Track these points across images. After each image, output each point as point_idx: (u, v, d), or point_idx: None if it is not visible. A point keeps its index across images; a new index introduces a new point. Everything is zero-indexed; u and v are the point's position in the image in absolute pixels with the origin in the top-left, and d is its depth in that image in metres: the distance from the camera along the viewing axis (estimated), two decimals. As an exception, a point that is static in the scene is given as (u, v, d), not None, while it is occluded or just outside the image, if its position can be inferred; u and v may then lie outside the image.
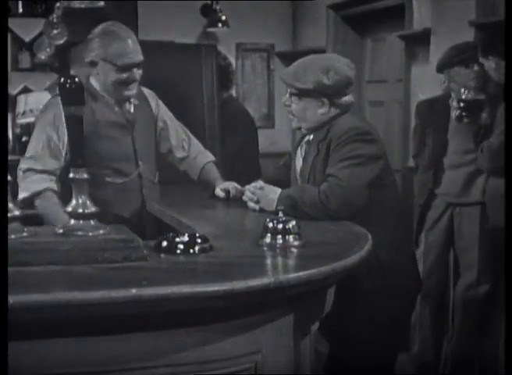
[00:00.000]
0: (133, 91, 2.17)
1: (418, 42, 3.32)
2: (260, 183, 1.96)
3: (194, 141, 2.40)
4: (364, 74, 4.10)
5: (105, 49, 2.11)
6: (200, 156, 2.37)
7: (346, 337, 1.88)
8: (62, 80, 1.37)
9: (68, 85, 1.36)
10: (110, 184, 2.14)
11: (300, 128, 2.03)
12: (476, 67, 2.56)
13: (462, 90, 2.50)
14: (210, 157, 2.40)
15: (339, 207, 1.79)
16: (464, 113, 2.46)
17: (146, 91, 2.33)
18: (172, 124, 2.36)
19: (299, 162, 2.06)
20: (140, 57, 2.14)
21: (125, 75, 2.12)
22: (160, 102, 2.36)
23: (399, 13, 3.48)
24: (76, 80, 1.37)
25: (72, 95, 1.37)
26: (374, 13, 3.81)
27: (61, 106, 1.40)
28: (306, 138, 2.04)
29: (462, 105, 2.45)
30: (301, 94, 1.93)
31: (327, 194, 1.80)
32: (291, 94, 1.95)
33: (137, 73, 2.15)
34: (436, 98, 2.80)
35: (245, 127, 3.36)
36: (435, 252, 2.76)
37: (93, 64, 2.15)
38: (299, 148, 2.08)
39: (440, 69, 2.67)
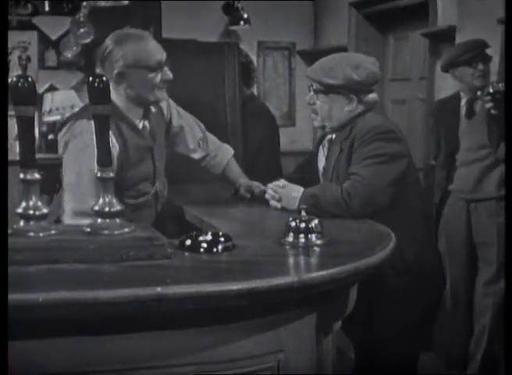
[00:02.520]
0: (164, 91, 2.03)
1: (443, 40, 3.29)
2: (282, 181, 1.96)
3: (210, 136, 2.33)
4: (386, 72, 4.07)
5: (134, 54, 1.96)
6: (219, 153, 2.32)
7: (370, 336, 1.88)
8: (91, 79, 1.37)
9: (96, 84, 1.37)
10: (128, 206, 1.98)
11: (323, 127, 2.01)
12: (481, 66, 2.56)
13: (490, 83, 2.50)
14: (229, 151, 2.34)
15: (361, 205, 1.78)
16: (491, 104, 2.45)
17: None
18: (186, 126, 2.27)
19: (321, 161, 2.06)
20: (164, 54, 2.01)
21: (158, 75, 1.98)
22: (171, 102, 2.24)
23: (422, 11, 3.45)
24: (104, 78, 1.38)
25: (100, 94, 1.37)
26: (396, 11, 3.79)
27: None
28: (328, 137, 2.04)
29: (489, 97, 2.44)
30: (328, 90, 1.90)
31: (350, 192, 1.79)
32: (317, 92, 1.93)
33: (169, 71, 2.01)
34: (447, 98, 2.83)
35: (266, 125, 3.36)
36: (455, 249, 2.75)
37: (121, 76, 1.97)
38: (321, 147, 2.07)
39: (445, 69, 2.70)
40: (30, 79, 1.31)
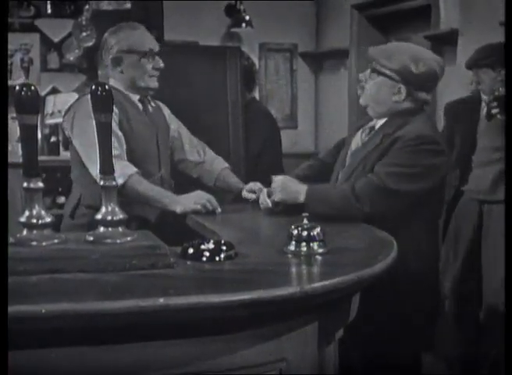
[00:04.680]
0: (156, 81, 2.18)
1: (445, 43, 3.29)
2: (274, 177, 1.94)
3: (208, 148, 2.41)
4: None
5: (127, 40, 2.13)
6: (216, 162, 2.37)
7: (370, 342, 1.88)
8: (94, 87, 1.38)
9: (99, 92, 1.37)
10: None
11: (367, 106, 1.96)
12: (503, 72, 2.55)
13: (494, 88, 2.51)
14: (225, 163, 2.40)
15: (368, 203, 1.75)
16: (497, 110, 2.45)
17: (158, 102, 2.35)
18: (184, 133, 2.37)
19: (355, 145, 1.98)
20: (157, 45, 2.19)
21: (151, 62, 2.15)
22: (171, 113, 2.38)
23: (424, 14, 3.45)
24: (107, 87, 1.38)
25: (103, 103, 1.38)
26: (398, 13, 3.79)
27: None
28: (371, 123, 1.97)
29: (495, 103, 2.44)
30: (382, 72, 1.87)
31: (363, 189, 1.76)
32: (372, 70, 1.90)
33: (160, 60, 2.17)
34: (464, 99, 2.82)
35: (267, 128, 3.36)
36: (464, 250, 2.75)
37: (117, 61, 2.15)
38: (360, 132, 2.00)
39: (469, 67, 2.69)
40: (33, 87, 1.32)
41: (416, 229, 1.85)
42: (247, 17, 4.28)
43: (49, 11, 3.91)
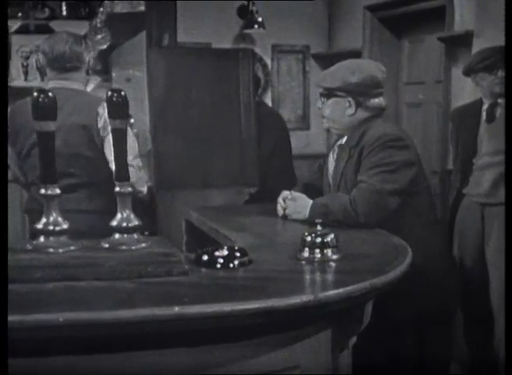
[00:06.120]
0: None
1: (459, 44, 3.26)
2: (291, 193, 1.98)
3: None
4: (401, 76, 4.05)
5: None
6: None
7: (382, 344, 1.87)
8: (109, 93, 1.38)
9: (115, 98, 1.38)
10: None
11: (329, 129, 2.11)
12: (501, 73, 2.55)
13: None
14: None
15: (367, 211, 1.80)
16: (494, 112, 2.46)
17: None
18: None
19: (332, 166, 2.08)
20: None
21: None
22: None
23: (438, 15, 3.42)
24: (123, 93, 1.39)
25: (118, 109, 1.38)
26: (412, 15, 3.76)
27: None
28: (338, 142, 2.06)
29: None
30: (329, 94, 1.99)
31: (357, 199, 1.81)
32: (321, 95, 2.02)
33: None
34: (470, 104, 2.83)
35: (278, 130, 3.37)
36: (469, 253, 2.74)
37: None
38: (331, 152, 2.11)
39: (466, 73, 2.70)
40: (50, 94, 1.33)
41: (410, 226, 1.86)
42: (260, 18, 4.27)
43: (64, 13, 3.94)
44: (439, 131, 3.53)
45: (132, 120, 2.43)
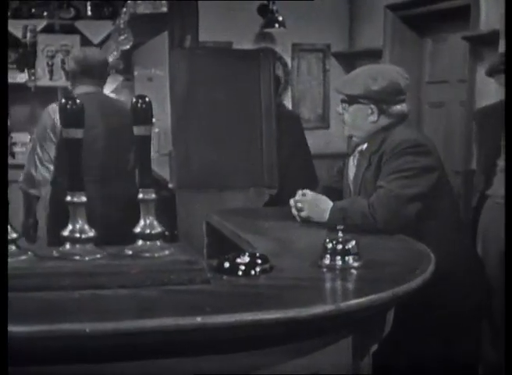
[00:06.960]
0: None
1: (484, 44, 3.21)
2: (308, 192, 1.98)
3: None
4: (423, 75, 4.01)
5: None
6: None
7: (405, 351, 1.87)
8: (134, 100, 1.39)
9: (139, 105, 1.38)
10: None
11: (351, 136, 2.07)
12: None
13: None
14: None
15: (387, 218, 1.78)
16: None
17: None
18: None
19: (352, 171, 2.06)
20: None
21: None
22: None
23: (461, 14, 3.37)
24: (147, 99, 1.40)
25: (143, 115, 1.39)
26: (434, 13, 3.71)
27: None
28: (359, 148, 2.04)
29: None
30: (351, 101, 1.96)
31: (376, 205, 1.80)
32: (342, 102, 2.00)
33: None
34: (493, 105, 2.79)
35: (297, 132, 3.37)
36: (493, 255, 2.71)
37: None
38: (352, 158, 2.08)
39: (490, 74, 2.66)
40: (78, 101, 1.34)
41: (433, 229, 1.85)
42: (280, 17, 4.26)
43: (89, 13, 3.99)
44: (463, 131, 3.49)
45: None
